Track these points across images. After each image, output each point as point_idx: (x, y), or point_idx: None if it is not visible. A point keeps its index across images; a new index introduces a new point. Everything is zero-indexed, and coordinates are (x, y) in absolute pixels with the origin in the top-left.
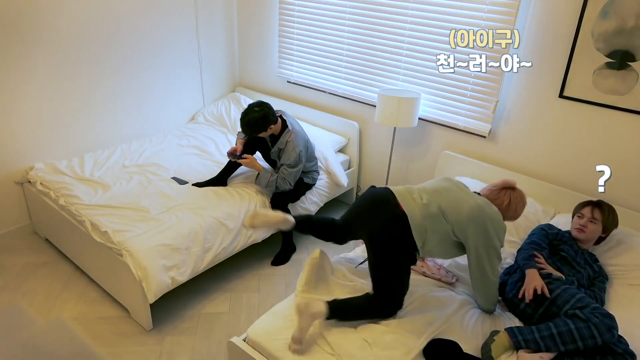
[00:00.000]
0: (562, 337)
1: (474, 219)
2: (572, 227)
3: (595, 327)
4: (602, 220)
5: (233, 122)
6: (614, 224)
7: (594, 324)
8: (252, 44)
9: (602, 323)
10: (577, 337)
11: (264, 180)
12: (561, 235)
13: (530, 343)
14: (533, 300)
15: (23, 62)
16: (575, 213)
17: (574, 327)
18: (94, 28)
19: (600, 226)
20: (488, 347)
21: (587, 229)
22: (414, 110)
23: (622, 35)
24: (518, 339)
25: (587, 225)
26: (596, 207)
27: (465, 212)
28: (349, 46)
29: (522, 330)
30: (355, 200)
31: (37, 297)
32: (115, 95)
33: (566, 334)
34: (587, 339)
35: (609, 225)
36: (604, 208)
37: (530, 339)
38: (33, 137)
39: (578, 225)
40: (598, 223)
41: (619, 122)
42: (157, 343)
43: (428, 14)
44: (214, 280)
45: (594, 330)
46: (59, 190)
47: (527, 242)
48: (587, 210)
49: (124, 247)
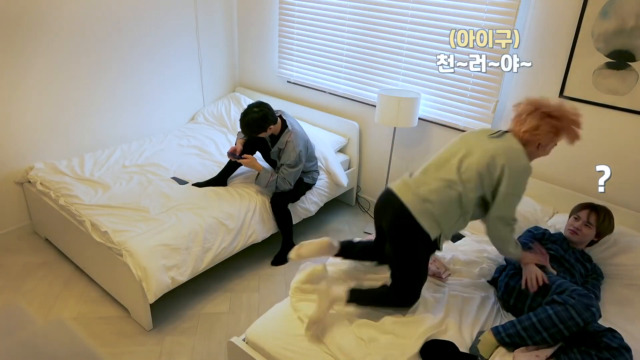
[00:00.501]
0: (542, 323)
1: (490, 167)
2: (566, 228)
3: (573, 308)
4: (596, 225)
5: (233, 122)
6: (609, 230)
7: (571, 305)
8: (252, 44)
9: (579, 302)
10: (557, 321)
11: (264, 180)
12: (549, 235)
13: (514, 337)
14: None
15: (23, 62)
16: (572, 214)
17: (552, 311)
18: (94, 28)
19: (594, 230)
20: (475, 349)
21: (581, 232)
22: (414, 110)
23: (622, 35)
24: (502, 335)
25: (581, 228)
26: (593, 211)
27: (474, 167)
28: (349, 46)
29: (505, 326)
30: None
31: (37, 297)
32: (115, 95)
33: (546, 320)
34: (566, 320)
35: (603, 231)
36: (600, 213)
37: (512, 332)
38: (33, 137)
39: (572, 227)
40: (592, 227)
41: (619, 122)
42: (157, 343)
43: (428, 14)
44: (214, 280)
45: (571, 311)
46: (59, 190)
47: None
48: (584, 213)
49: (124, 247)
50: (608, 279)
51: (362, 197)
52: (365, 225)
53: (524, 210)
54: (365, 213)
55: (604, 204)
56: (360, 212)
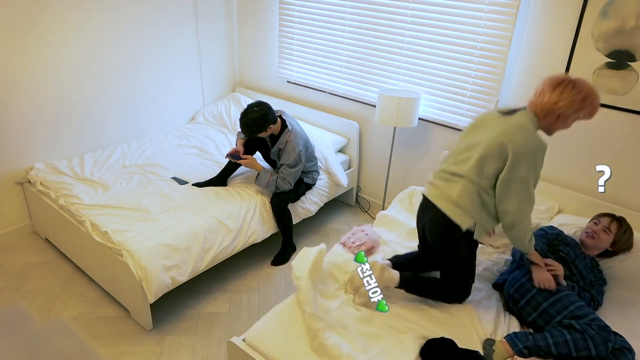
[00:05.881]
0: (557, 347)
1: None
2: (583, 231)
3: (592, 340)
4: (615, 234)
5: (233, 122)
6: (626, 245)
7: (590, 336)
8: (252, 44)
9: (599, 335)
10: (572, 348)
11: (263, 181)
12: (563, 237)
13: (531, 350)
14: (544, 290)
15: (23, 61)
16: (592, 219)
17: (570, 337)
18: (94, 27)
19: (611, 238)
20: (481, 357)
21: (598, 236)
22: (414, 110)
23: (622, 35)
24: (519, 347)
25: (599, 232)
26: (615, 220)
27: (486, 156)
28: (349, 46)
29: (521, 338)
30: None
31: (37, 297)
32: (115, 95)
33: (562, 345)
34: (581, 350)
35: (621, 242)
36: (622, 224)
37: (531, 345)
38: (33, 137)
39: (590, 230)
40: (610, 235)
41: (619, 122)
42: (157, 343)
43: (428, 14)
44: (214, 280)
45: (589, 342)
46: (59, 190)
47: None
48: (606, 219)
49: (124, 247)
50: (608, 280)
51: (362, 197)
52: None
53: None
54: (365, 213)
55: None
56: (360, 212)
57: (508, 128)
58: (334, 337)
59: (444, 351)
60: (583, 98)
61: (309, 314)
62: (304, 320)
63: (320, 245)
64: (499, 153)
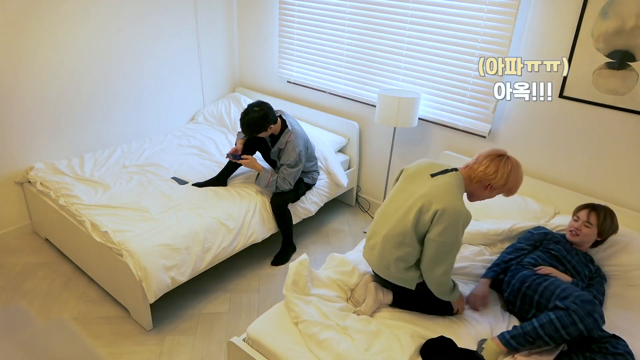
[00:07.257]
0: (544, 328)
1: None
2: (567, 230)
3: (575, 313)
4: (597, 225)
5: (233, 122)
6: (612, 230)
7: (573, 310)
8: (252, 44)
9: (582, 308)
10: (559, 326)
11: (264, 181)
12: (552, 235)
13: (518, 338)
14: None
15: (23, 61)
16: (573, 215)
17: (554, 316)
18: (94, 27)
19: (595, 230)
20: (481, 357)
21: (581, 232)
22: (414, 110)
23: (622, 35)
24: (506, 338)
25: (581, 228)
26: (592, 210)
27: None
28: (349, 46)
29: (509, 331)
30: None
31: (37, 297)
32: (116, 95)
33: (547, 325)
34: (568, 326)
35: (605, 230)
36: (600, 213)
37: (516, 333)
38: (33, 137)
39: (572, 228)
40: (592, 227)
41: (619, 122)
42: (157, 343)
43: (428, 14)
44: (214, 280)
45: (573, 316)
46: (59, 190)
47: (508, 248)
48: (583, 213)
49: (124, 247)
50: (608, 280)
51: (362, 197)
52: (365, 225)
53: (525, 210)
54: (365, 213)
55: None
56: (360, 212)
57: (438, 190)
58: (332, 336)
59: (444, 350)
60: (516, 177)
61: (302, 323)
62: (299, 332)
63: (302, 256)
64: (421, 216)
